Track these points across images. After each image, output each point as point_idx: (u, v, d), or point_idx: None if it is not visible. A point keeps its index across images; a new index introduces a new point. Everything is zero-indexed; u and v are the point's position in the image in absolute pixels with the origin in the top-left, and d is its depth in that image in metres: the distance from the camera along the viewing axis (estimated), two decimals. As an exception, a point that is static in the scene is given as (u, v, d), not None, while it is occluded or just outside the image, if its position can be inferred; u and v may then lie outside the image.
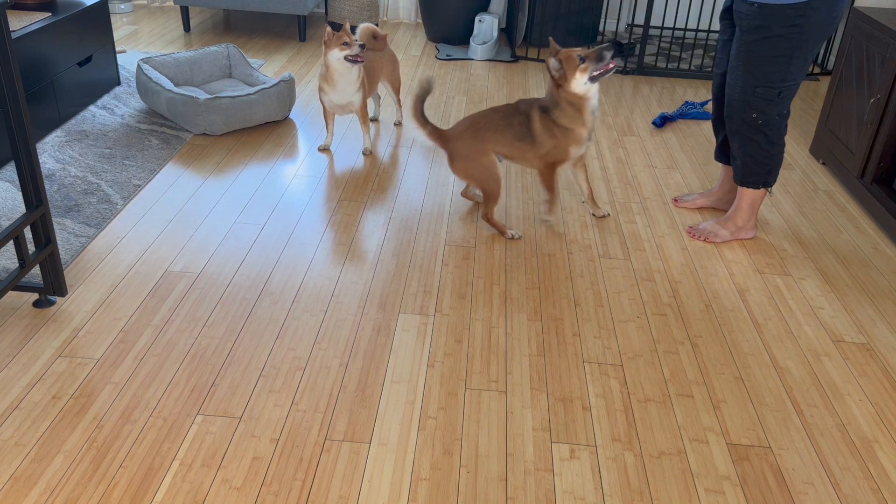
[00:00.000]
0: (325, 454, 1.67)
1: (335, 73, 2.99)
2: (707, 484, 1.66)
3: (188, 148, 3.15)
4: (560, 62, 2.42)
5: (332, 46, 2.93)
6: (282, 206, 2.73)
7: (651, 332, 2.15)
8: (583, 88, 2.44)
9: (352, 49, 2.91)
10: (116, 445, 1.66)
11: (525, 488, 1.62)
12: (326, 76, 3.02)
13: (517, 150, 2.57)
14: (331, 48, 2.93)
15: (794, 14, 2.24)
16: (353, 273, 2.36)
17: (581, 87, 2.44)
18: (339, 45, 2.92)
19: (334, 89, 3.04)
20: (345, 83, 3.02)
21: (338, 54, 2.94)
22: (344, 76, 2.99)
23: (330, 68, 2.99)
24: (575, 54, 2.41)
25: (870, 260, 2.59)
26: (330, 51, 2.94)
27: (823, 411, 1.89)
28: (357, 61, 2.94)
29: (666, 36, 5.21)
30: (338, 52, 2.93)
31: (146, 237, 2.49)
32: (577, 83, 2.43)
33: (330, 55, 2.95)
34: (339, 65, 2.96)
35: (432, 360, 1.99)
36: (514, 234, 2.60)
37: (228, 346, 2.00)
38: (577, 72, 2.42)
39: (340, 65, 2.96)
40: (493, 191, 2.58)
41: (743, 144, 2.50)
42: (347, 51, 2.91)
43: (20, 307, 2.11)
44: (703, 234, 2.65)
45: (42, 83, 3.11)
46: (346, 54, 2.92)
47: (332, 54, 2.94)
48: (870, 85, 2.92)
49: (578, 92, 2.44)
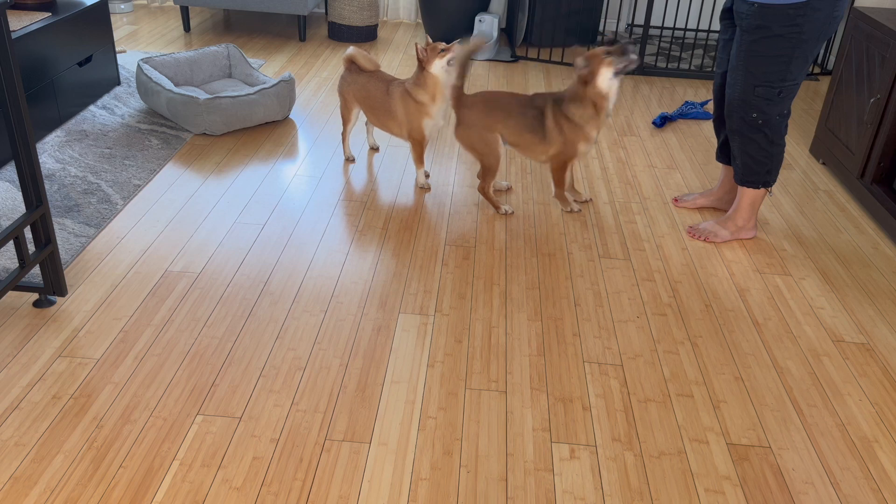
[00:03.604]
0: (325, 454, 1.67)
1: (440, 83, 2.75)
2: (707, 484, 1.66)
3: (188, 148, 3.15)
4: (586, 60, 2.51)
5: (432, 59, 2.71)
6: (282, 206, 2.73)
7: (651, 332, 2.15)
8: (607, 84, 2.52)
9: (452, 51, 2.71)
10: (116, 445, 1.66)
11: (525, 488, 1.62)
12: (435, 93, 2.76)
13: (524, 141, 2.67)
14: (431, 62, 2.71)
15: (795, 14, 2.24)
16: (353, 273, 2.36)
17: (606, 83, 2.52)
18: (439, 55, 2.71)
19: (441, 104, 2.80)
20: (445, 94, 2.79)
21: (441, 63, 2.72)
22: (445, 84, 2.76)
23: (438, 83, 2.74)
24: (600, 51, 2.51)
25: (870, 260, 2.59)
26: (431, 65, 2.72)
27: (823, 411, 1.89)
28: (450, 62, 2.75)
29: (666, 36, 5.21)
30: (439, 61, 2.72)
31: (146, 237, 2.49)
32: (602, 78, 2.51)
33: (433, 69, 2.72)
34: (445, 74, 2.74)
35: (432, 360, 1.99)
36: (507, 210, 2.75)
37: (228, 346, 2.00)
38: (602, 66, 2.49)
39: (446, 74, 2.74)
40: (490, 165, 2.70)
41: (743, 144, 2.50)
42: (449, 54, 2.71)
43: (20, 307, 2.11)
44: (704, 234, 2.65)
45: (42, 83, 3.11)
46: (449, 59, 2.72)
47: (436, 66, 2.72)
48: (870, 85, 2.92)
49: (603, 89, 2.52)
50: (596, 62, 2.49)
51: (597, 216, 2.78)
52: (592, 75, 2.51)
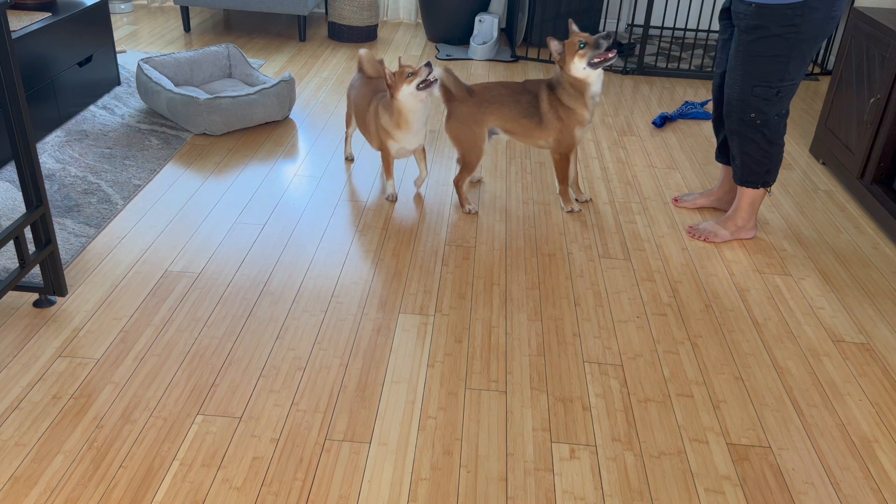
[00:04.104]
0: (325, 454, 1.68)
1: (410, 113, 2.60)
2: (707, 484, 1.66)
3: (188, 148, 3.15)
4: (563, 45, 2.55)
5: (400, 84, 2.55)
6: (282, 206, 2.73)
7: (651, 332, 2.15)
8: (582, 73, 2.56)
9: (420, 75, 2.54)
10: (116, 445, 1.66)
11: (525, 488, 1.62)
12: (399, 121, 2.62)
13: (521, 127, 2.70)
14: (398, 88, 2.55)
15: (792, 14, 2.24)
16: (353, 273, 2.36)
17: (581, 72, 2.56)
18: (406, 80, 2.53)
19: (409, 132, 2.66)
20: (419, 122, 2.65)
21: (409, 90, 2.55)
22: (419, 113, 2.62)
23: (403, 111, 2.59)
24: (577, 39, 2.54)
25: (870, 260, 2.59)
26: (399, 91, 2.55)
27: (823, 411, 1.89)
28: (430, 86, 2.56)
29: (666, 36, 5.21)
30: (407, 87, 2.54)
31: (146, 237, 2.49)
32: (575, 67, 2.55)
33: (401, 96, 2.56)
34: (414, 101, 2.58)
35: (432, 360, 1.99)
36: (471, 209, 2.76)
37: (228, 346, 2.00)
38: (575, 56, 2.53)
39: (415, 101, 2.58)
40: (471, 161, 2.73)
41: (742, 144, 2.50)
42: (416, 79, 2.54)
43: (20, 307, 2.11)
44: (703, 234, 2.65)
45: (42, 83, 3.11)
46: (417, 83, 2.54)
47: (404, 93, 2.56)
48: (870, 85, 2.93)
49: (578, 76, 2.57)
50: (570, 50, 2.54)
51: (597, 216, 2.78)
52: (564, 62, 2.56)
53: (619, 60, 4.66)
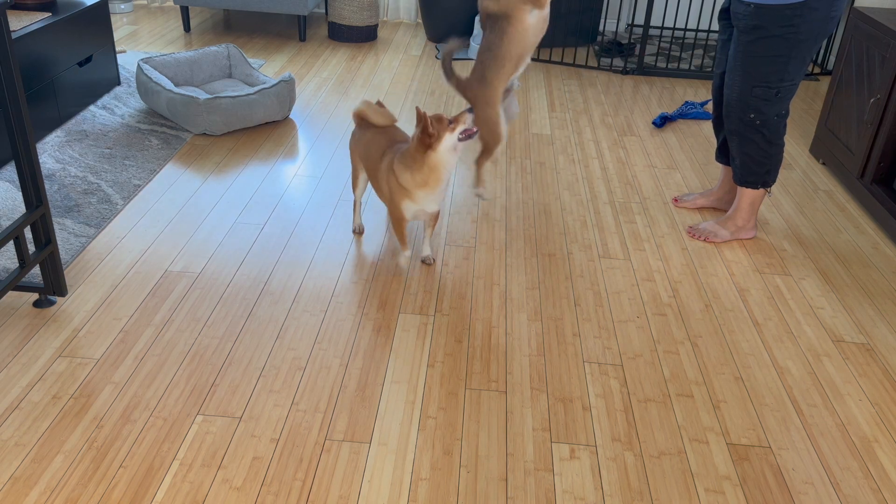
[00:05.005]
0: (325, 454, 1.67)
1: (444, 169, 2.18)
2: (707, 484, 1.66)
3: (188, 148, 3.15)
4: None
5: (443, 134, 2.14)
6: (282, 206, 2.73)
7: (651, 332, 2.15)
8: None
9: (461, 122, 2.17)
10: (116, 445, 1.66)
11: (525, 488, 1.62)
12: (428, 178, 2.18)
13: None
14: (441, 139, 2.14)
15: (791, 14, 2.24)
16: (353, 273, 2.36)
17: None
18: (449, 129, 2.14)
19: (436, 191, 2.23)
20: (448, 178, 2.24)
21: (451, 141, 2.16)
22: (451, 168, 2.21)
23: (437, 166, 2.17)
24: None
25: (870, 260, 2.59)
26: (441, 143, 2.14)
27: (823, 411, 1.89)
28: (471, 136, 2.21)
29: (666, 36, 5.21)
30: (449, 136, 2.15)
31: (146, 237, 2.49)
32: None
33: (442, 148, 2.15)
34: (450, 155, 2.18)
35: (432, 360, 1.99)
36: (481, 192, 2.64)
37: (228, 346, 2.00)
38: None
39: (451, 154, 2.18)
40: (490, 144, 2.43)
41: (741, 144, 2.50)
42: (459, 127, 2.16)
43: (20, 307, 2.11)
44: (703, 234, 2.65)
45: (42, 83, 3.11)
46: (459, 133, 2.17)
47: (446, 144, 2.15)
48: (870, 85, 2.93)
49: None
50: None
51: (597, 216, 2.78)
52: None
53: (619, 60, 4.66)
